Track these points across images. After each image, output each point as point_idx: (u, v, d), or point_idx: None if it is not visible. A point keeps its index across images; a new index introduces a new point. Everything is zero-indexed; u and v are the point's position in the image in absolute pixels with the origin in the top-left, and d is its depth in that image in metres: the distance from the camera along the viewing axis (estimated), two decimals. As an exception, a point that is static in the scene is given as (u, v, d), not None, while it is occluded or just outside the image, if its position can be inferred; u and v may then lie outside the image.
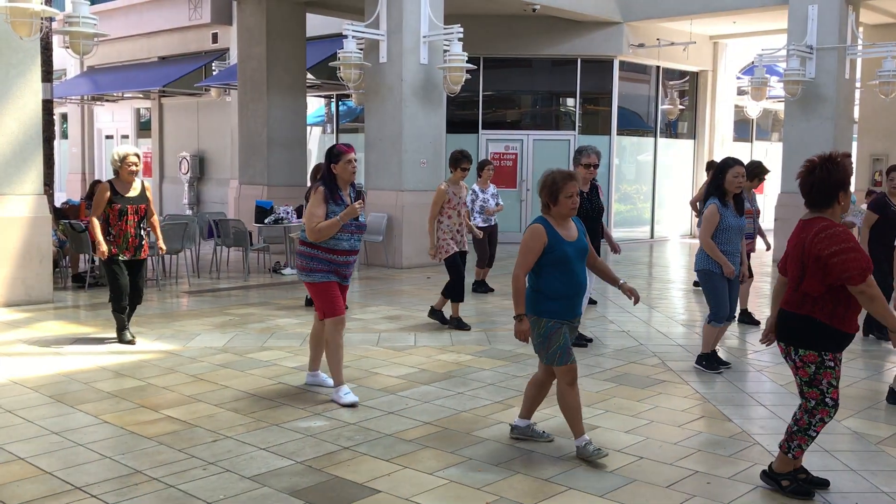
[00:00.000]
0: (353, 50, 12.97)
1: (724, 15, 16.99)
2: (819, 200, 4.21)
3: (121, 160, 7.62)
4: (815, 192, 4.21)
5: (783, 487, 4.35)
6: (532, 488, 4.42)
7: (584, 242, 4.93)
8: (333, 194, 5.86)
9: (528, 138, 18.18)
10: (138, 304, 8.01)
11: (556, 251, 4.77)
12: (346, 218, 5.79)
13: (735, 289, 6.96)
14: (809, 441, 4.31)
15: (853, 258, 4.04)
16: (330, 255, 5.86)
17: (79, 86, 24.27)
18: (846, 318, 4.17)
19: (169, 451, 4.93)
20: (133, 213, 7.67)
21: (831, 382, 4.21)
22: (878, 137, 17.89)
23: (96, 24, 9.72)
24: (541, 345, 4.90)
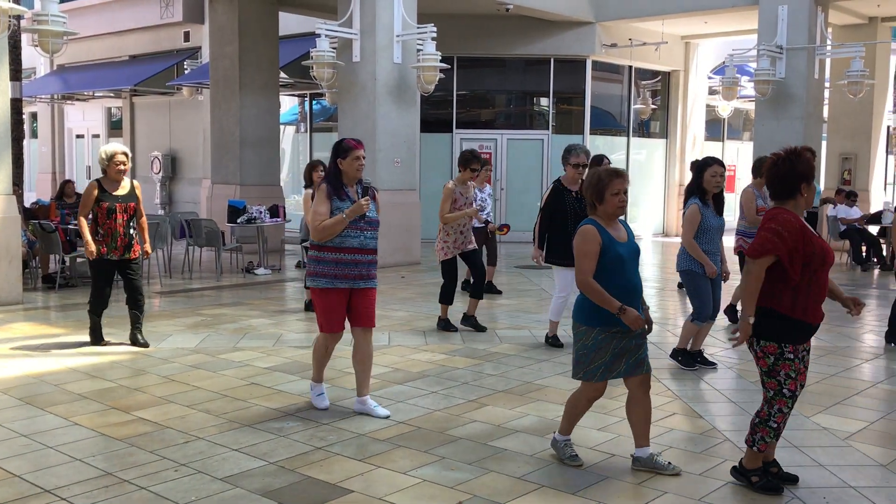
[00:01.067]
0: (327, 49, 12.92)
1: (696, 15, 17.14)
2: (782, 192, 4.29)
3: (108, 158, 7.48)
4: (779, 184, 4.29)
5: (752, 483, 4.39)
6: (505, 486, 4.44)
7: (636, 244, 4.68)
8: (338, 191, 5.50)
9: (502, 138, 18.22)
10: (142, 304, 7.77)
11: (611, 253, 4.49)
12: (352, 215, 5.42)
13: (718, 287, 7.02)
14: (771, 433, 4.33)
15: (762, 236, 4.21)
16: (338, 254, 5.47)
17: (48, 84, 24.01)
18: (807, 308, 4.23)
19: (140, 452, 4.89)
20: (122, 212, 7.52)
21: (789, 374, 4.26)
22: (846, 137, 18.11)
23: (66, 23, 9.63)
24: (583, 356, 4.60)
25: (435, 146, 17.63)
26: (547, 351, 7.69)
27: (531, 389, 6.35)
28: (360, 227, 5.52)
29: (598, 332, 4.53)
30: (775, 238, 4.15)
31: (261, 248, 13.04)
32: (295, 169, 21.06)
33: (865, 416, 5.75)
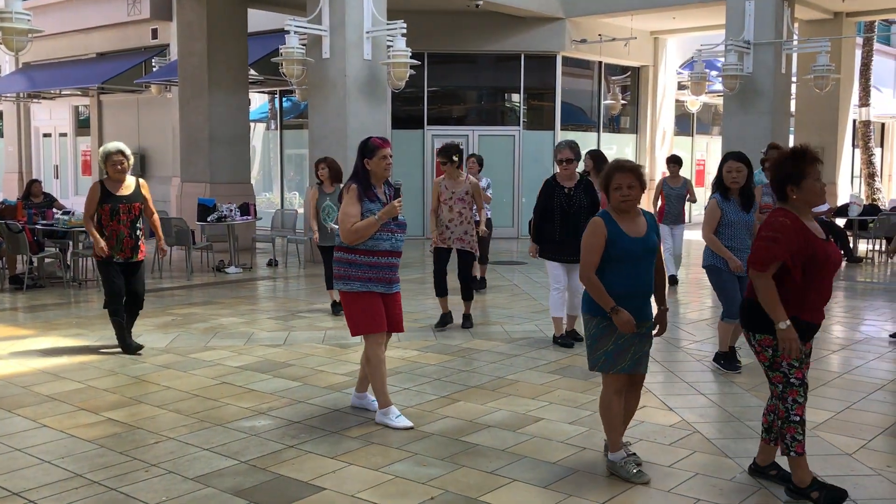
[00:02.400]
0: (296, 45, 12.85)
1: (664, 11, 17.26)
2: (777, 193, 4.28)
3: (104, 159, 7.30)
4: (773, 185, 4.27)
5: (815, 501, 4.16)
6: (477, 481, 4.46)
7: (653, 240, 4.52)
8: (368, 192, 5.30)
9: (473, 134, 18.24)
10: (139, 310, 7.63)
11: (617, 247, 4.41)
12: (385, 217, 5.25)
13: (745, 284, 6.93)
14: (798, 428, 4.16)
15: (758, 246, 4.18)
16: (370, 257, 5.29)
17: (14, 83, 23.68)
18: (804, 307, 4.17)
19: (110, 453, 4.86)
20: (126, 213, 7.32)
21: (792, 363, 4.16)
22: (813, 130, 18.33)
23: (30, 20, 9.51)
24: (590, 346, 4.58)
25: (406, 143, 17.61)
26: (519, 346, 7.72)
27: (503, 385, 6.37)
28: (391, 230, 5.36)
29: (600, 320, 4.49)
30: (772, 245, 4.10)
31: (231, 247, 12.97)
32: (265, 166, 20.96)
33: (831, 407, 5.83)
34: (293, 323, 8.82)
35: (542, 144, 18.08)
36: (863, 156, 21.63)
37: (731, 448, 4.94)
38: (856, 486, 4.40)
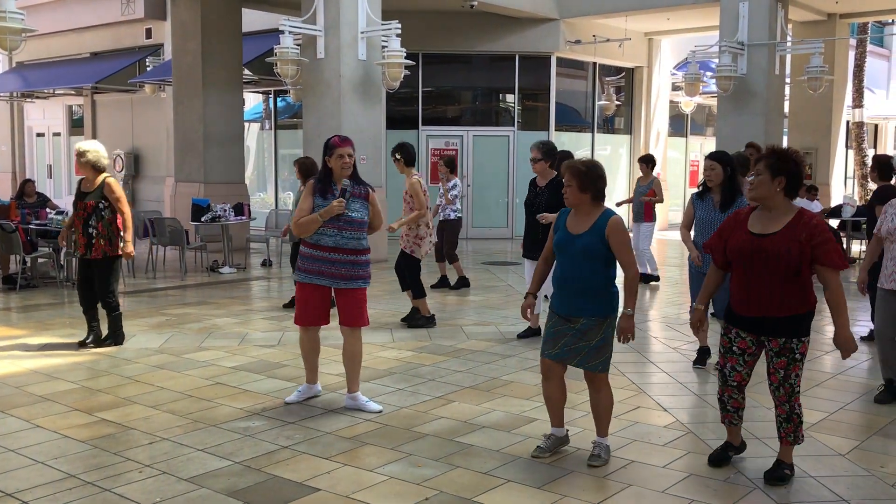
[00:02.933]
0: (291, 45, 12.83)
1: (658, 12, 17.28)
2: None
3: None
4: None
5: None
6: (472, 482, 4.46)
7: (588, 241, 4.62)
8: (325, 189, 5.60)
9: (468, 134, 18.24)
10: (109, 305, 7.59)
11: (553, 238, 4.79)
12: (326, 215, 5.49)
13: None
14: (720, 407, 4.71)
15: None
16: (315, 250, 5.59)
17: (7, 82, 23.60)
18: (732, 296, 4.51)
19: (104, 454, 4.85)
20: (81, 210, 7.47)
21: (720, 349, 4.63)
22: (807, 131, 18.37)
23: (24, 20, 9.48)
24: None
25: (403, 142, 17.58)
26: (513, 347, 7.72)
27: (497, 385, 6.38)
28: (339, 227, 5.55)
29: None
30: (714, 237, 4.60)
31: (225, 247, 12.94)
32: (260, 166, 20.92)
33: (825, 407, 5.85)
34: (287, 324, 8.80)
35: (536, 145, 18.07)
36: (856, 157, 21.68)
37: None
38: (850, 487, 4.42)
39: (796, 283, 4.25)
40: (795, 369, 4.35)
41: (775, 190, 4.27)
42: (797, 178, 4.30)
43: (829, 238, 4.20)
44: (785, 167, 4.27)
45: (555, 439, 4.90)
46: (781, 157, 4.31)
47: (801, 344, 4.33)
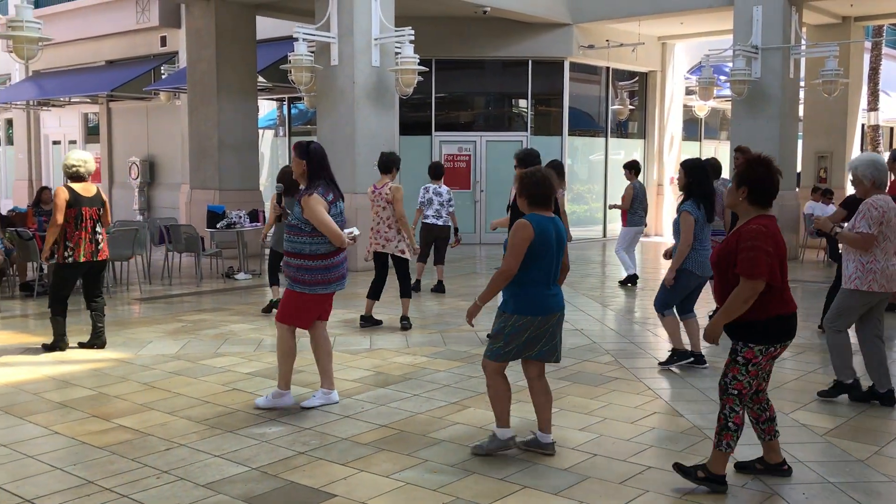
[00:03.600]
0: (305, 52, 12.89)
1: (672, 16, 17.25)
2: None
3: None
4: None
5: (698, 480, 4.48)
6: (488, 488, 4.45)
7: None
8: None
9: (481, 140, 18.26)
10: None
11: None
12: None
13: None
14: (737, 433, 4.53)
15: None
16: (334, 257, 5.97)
17: (24, 91, 23.79)
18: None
19: (121, 460, 4.87)
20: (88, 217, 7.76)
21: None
22: (821, 135, 18.28)
23: (41, 29, 9.56)
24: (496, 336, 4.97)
25: (414, 149, 17.62)
26: (528, 352, 7.70)
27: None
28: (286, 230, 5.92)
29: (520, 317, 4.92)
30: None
31: (241, 253, 12.99)
32: (274, 173, 20.98)
33: (843, 412, 5.81)
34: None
35: (549, 150, 18.02)
36: (872, 160, 21.55)
37: (742, 453, 4.91)
38: (869, 494, 4.39)
39: None
40: (734, 371, 4.36)
41: (738, 199, 4.37)
42: (762, 187, 4.30)
43: (753, 246, 4.19)
44: (750, 176, 4.33)
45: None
46: (749, 165, 4.37)
47: (746, 349, 4.32)
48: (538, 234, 4.73)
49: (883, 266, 5.84)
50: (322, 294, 5.87)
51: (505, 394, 5.01)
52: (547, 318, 4.83)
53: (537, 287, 4.80)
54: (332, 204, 5.81)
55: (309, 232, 5.73)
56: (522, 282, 4.79)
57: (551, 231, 4.81)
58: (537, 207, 4.84)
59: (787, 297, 4.35)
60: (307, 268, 5.76)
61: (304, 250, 5.74)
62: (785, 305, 4.33)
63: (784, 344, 4.41)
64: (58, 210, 7.55)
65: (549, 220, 4.84)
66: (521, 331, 4.81)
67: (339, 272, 5.88)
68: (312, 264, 5.75)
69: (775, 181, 4.33)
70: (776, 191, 4.33)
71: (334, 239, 5.73)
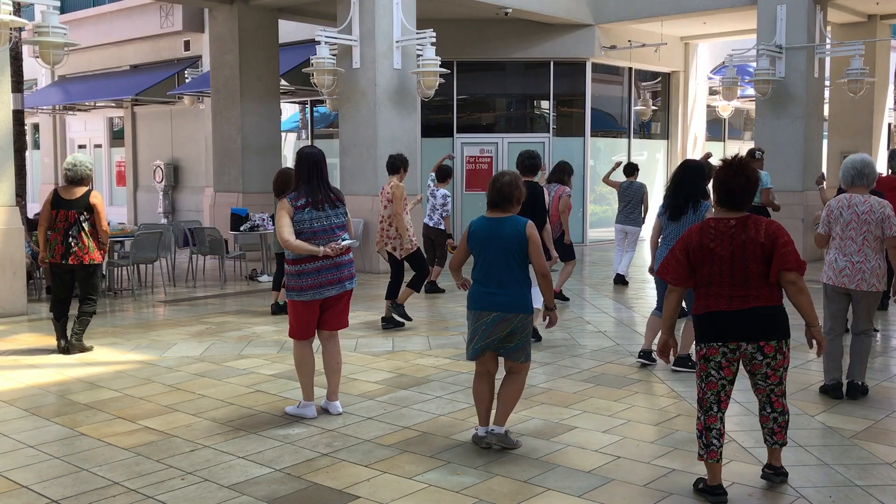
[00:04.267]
0: (327, 56, 12.95)
1: (695, 16, 17.14)
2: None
3: None
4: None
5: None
6: (511, 490, 4.44)
7: None
8: None
9: (503, 141, 18.23)
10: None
11: None
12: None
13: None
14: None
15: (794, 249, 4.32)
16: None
17: (50, 95, 24.05)
18: None
19: (146, 461, 4.91)
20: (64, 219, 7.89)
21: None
22: (847, 135, 18.10)
23: (66, 34, 9.66)
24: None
25: (436, 151, 17.60)
26: (551, 354, 7.69)
27: (535, 393, 6.35)
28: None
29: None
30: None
31: (264, 256, 13.05)
32: (296, 176, 21.05)
33: (870, 415, 5.75)
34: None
35: (571, 151, 18.02)
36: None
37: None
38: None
39: None
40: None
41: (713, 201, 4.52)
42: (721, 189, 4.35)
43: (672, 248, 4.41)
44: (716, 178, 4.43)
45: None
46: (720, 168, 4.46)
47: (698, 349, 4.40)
48: (469, 233, 5.07)
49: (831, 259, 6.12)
50: (304, 301, 5.67)
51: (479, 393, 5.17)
52: (478, 314, 4.98)
53: (476, 284, 5.07)
54: (299, 210, 5.60)
55: None
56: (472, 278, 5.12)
57: (483, 232, 4.99)
58: (491, 208, 5.04)
59: (712, 295, 4.26)
60: (288, 273, 5.74)
61: (288, 256, 5.75)
62: (702, 305, 4.31)
63: (709, 346, 4.27)
64: (42, 211, 7.89)
65: (490, 220, 5.01)
66: (469, 322, 5.10)
67: (316, 280, 5.64)
68: (288, 269, 5.73)
69: (735, 185, 4.27)
70: (738, 193, 4.28)
71: (282, 245, 5.62)
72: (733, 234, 4.25)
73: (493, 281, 4.95)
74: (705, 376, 4.33)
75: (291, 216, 5.61)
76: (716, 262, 4.25)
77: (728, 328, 4.24)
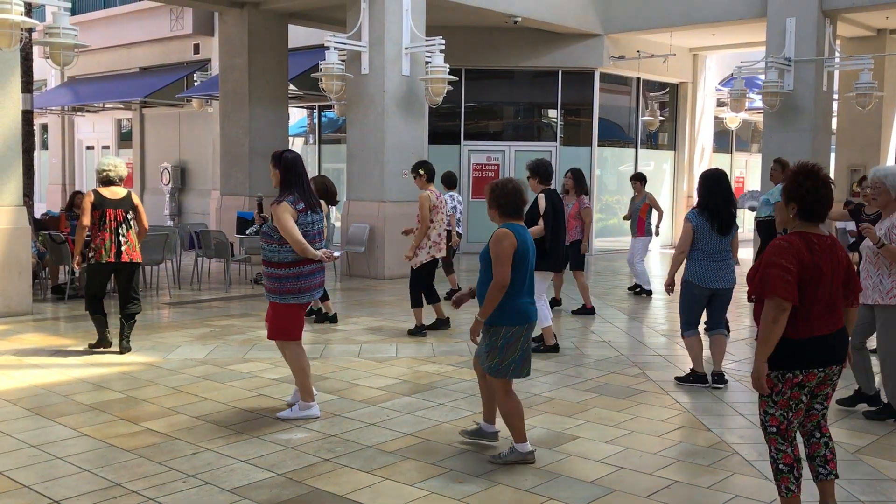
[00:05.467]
0: (335, 61, 12.98)
1: (704, 27, 17.16)
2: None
3: None
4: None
5: None
6: (513, 499, 4.43)
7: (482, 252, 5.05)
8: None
9: (510, 149, 18.24)
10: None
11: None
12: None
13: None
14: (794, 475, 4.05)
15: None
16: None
17: (59, 96, 24.15)
18: None
19: (149, 463, 4.90)
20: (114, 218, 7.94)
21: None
22: (855, 149, 18.07)
23: (77, 35, 9.69)
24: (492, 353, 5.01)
25: (443, 158, 17.64)
26: (555, 363, 7.68)
27: (538, 402, 6.34)
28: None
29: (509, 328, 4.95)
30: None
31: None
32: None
33: (875, 430, 5.72)
34: (329, 336, 8.85)
35: (579, 160, 17.98)
36: (906, 174, 21.27)
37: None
38: (901, 512, 4.31)
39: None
40: (763, 405, 4.02)
41: (789, 215, 4.04)
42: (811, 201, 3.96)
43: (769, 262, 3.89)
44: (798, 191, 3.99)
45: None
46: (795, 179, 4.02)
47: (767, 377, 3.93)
48: (520, 242, 4.81)
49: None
50: (301, 304, 5.80)
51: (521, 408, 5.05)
52: (528, 327, 4.93)
53: (522, 298, 4.88)
54: (301, 213, 5.67)
55: (278, 240, 5.67)
56: (509, 292, 4.83)
57: (529, 240, 4.94)
58: (509, 218, 4.92)
59: (814, 317, 3.88)
60: (277, 276, 5.70)
61: (273, 258, 5.70)
62: (803, 328, 3.87)
63: (808, 372, 3.88)
64: (84, 213, 7.74)
65: (525, 229, 4.97)
66: (514, 341, 4.86)
67: (311, 282, 5.75)
68: (280, 272, 5.69)
69: (824, 194, 3.95)
70: (828, 204, 3.97)
71: (297, 248, 5.61)
72: (831, 253, 3.95)
73: (530, 292, 4.94)
74: (795, 404, 3.93)
75: (296, 219, 5.64)
76: (822, 283, 3.88)
77: (828, 351, 3.92)
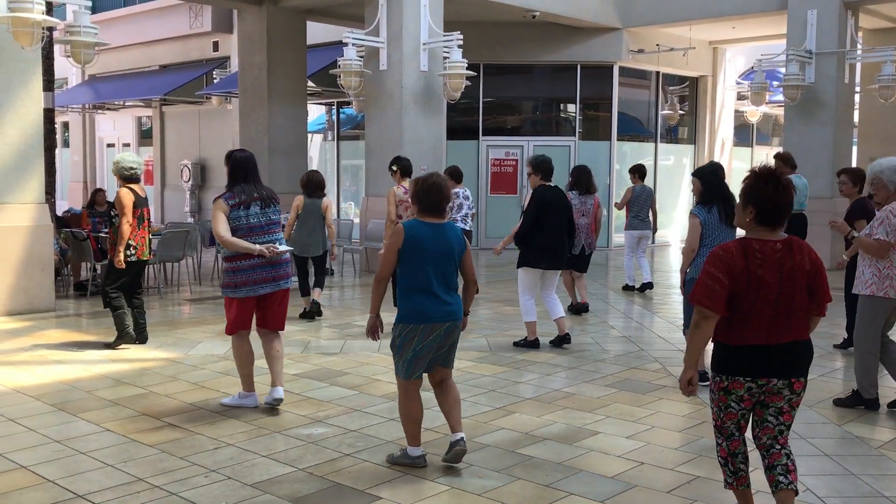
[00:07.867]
0: (354, 57, 12.99)
1: (724, 20, 17.03)
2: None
3: None
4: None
5: None
6: (533, 494, 4.43)
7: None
8: None
9: (528, 144, 18.20)
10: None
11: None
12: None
13: None
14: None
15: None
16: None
17: (80, 94, 24.32)
18: None
19: (171, 458, 4.94)
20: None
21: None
22: (877, 142, 17.88)
23: (97, 34, 9.76)
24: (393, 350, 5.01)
25: (461, 153, 17.63)
26: (575, 359, 7.66)
27: (558, 397, 6.33)
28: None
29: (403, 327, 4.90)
30: None
31: (291, 256, 13.08)
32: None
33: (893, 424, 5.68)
34: (349, 332, 8.88)
35: (597, 155, 17.97)
36: (930, 168, 21.04)
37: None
38: (925, 508, 4.28)
39: None
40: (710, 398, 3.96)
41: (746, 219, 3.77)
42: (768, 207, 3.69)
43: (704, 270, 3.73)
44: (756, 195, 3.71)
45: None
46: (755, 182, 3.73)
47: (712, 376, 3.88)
48: (409, 238, 4.66)
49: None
50: (240, 298, 5.91)
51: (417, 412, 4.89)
52: (432, 326, 4.71)
53: (420, 295, 4.72)
54: (234, 208, 5.89)
55: None
56: (406, 289, 4.77)
57: (428, 238, 4.69)
58: (425, 214, 4.75)
59: (753, 327, 3.68)
60: (224, 269, 6.05)
61: (222, 253, 5.92)
62: (737, 336, 3.72)
63: (734, 380, 3.73)
64: (127, 212, 7.77)
65: (434, 227, 4.73)
66: (409, 340, 4.73)
67: (250, 277, 5.88)
68: (224, 266, 6.05)
69: (782, 200, 3.67)
70: (786, 210, 3.70)
71: (220, 242, 5.88)
72: (781, 260, 3.67)
73: (441, 289, 4.73)
74: (724, 407, 3.83)
75: (227, 214, 5.88)
76: (762, 291, 3.65)
77: (763, 363, 3.70)
